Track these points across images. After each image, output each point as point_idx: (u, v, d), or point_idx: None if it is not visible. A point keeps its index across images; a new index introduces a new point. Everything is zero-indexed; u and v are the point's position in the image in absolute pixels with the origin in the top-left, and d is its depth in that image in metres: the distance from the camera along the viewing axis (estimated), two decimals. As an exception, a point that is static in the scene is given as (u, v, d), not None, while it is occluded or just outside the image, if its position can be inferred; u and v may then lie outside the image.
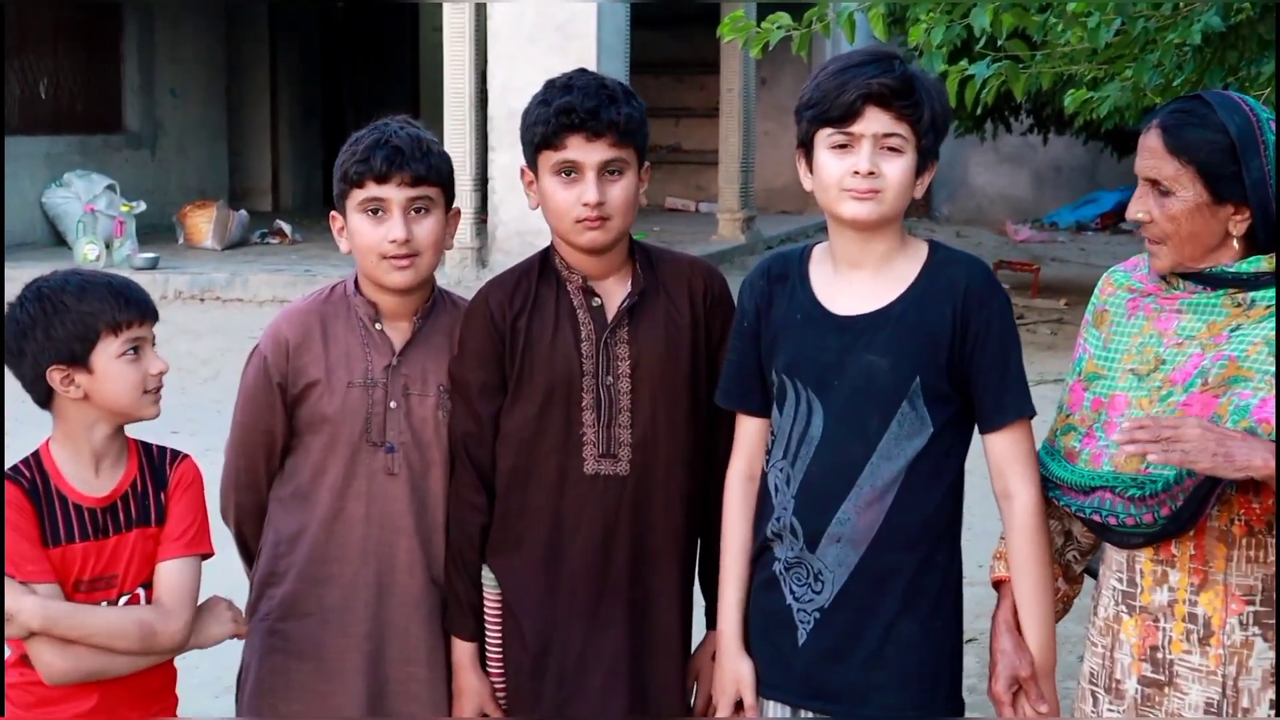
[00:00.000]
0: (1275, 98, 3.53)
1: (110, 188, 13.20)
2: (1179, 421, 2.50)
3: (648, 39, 14.22)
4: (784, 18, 4.70)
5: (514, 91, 11.12)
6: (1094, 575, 2.87)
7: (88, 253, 12.05)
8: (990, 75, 4.68)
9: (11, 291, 2.88)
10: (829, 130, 2.72)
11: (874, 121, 2.69)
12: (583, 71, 2.99)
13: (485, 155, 11.73)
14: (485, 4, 11.66)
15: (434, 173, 3.02)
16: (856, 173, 2.69)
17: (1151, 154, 2.62)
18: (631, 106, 2.94)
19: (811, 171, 2.79)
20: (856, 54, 2.76)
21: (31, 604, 2.73)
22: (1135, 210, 2.65)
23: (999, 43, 4.69)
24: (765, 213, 16.31)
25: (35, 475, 2.82)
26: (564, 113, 2.88)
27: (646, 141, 2.98)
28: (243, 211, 14.33)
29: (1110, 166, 19.27)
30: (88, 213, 12.83)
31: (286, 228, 14.24)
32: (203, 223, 13.55)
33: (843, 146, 2.71)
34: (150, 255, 12.34)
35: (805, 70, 18.77)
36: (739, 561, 2.90)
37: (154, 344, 2.86)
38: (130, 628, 2.77)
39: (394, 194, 2.98)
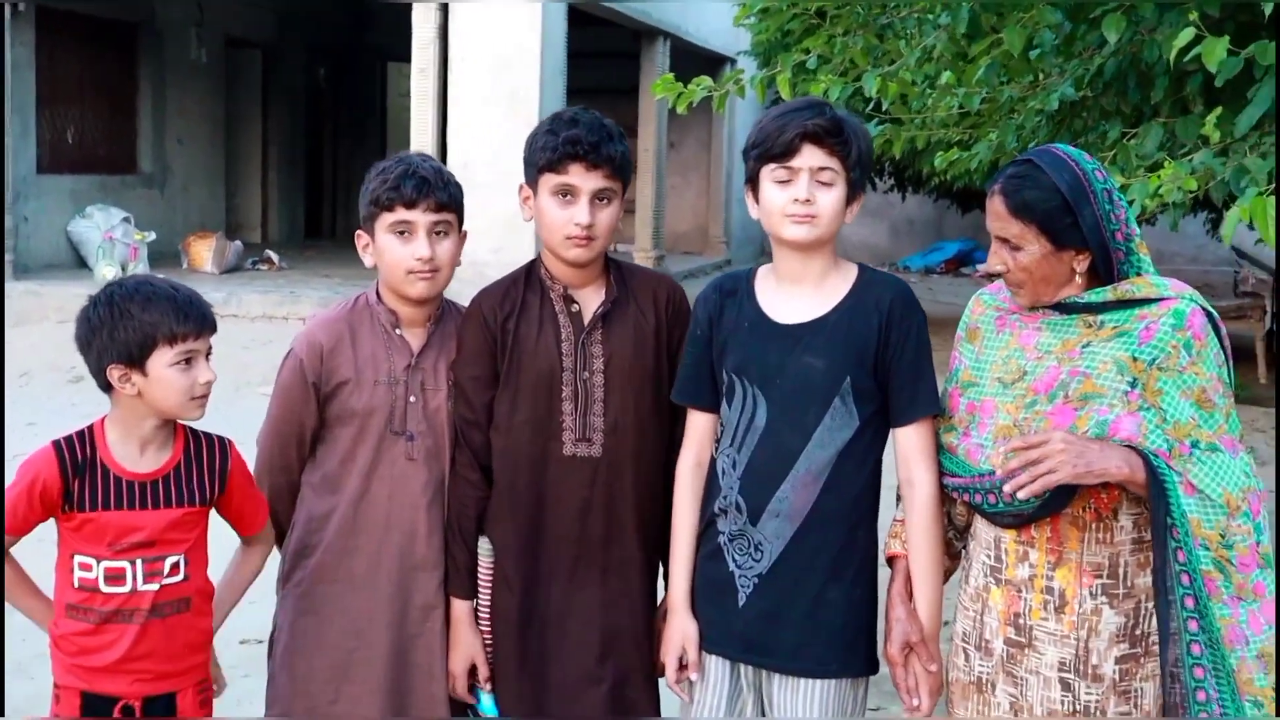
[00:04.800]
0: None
1: (126, 219, 12.89)
2: (1046, 436, 2.42)
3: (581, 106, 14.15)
4: (706, 80, 4.64)
5: (470, 146, 11.01)
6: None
7: (106, 274, 11.69)
8: (876, 135, 4.64)
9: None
10: (772, 165, 2.66)
11: (810, 157, 2.63)
12: (586, 109, 2.90)
13: (444, 199, 11.57)
14: (448, 74, 11.49)
15: (453, 200, 2.93)
16: (796, 200, 2.63)
17: (998, 217, 2.55)
18: (624, 146, 2.86)
19: (758, 203, 2.71)
20: (795, 102, 2.72)
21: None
22: (993, 263, 2.59)
23: (884, 106, 4.65)
24: (672, 252, 16.28)
25: (81, 448, 2.65)
26: (571, 143, 2.78)
27: (629, 177, 2.88)
28: (238, 242, 14.04)
29: (954, 221, 19.45)
30: (106, 240, 12.51)
31: (274, 256, 13.97)
32: (203, 250, 13.27)
33: (784, 181, 2.65)
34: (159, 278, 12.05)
35: (707, 136, 18.93)
36: (687, 538, 2.81)
37: (209, 355, 2.69)
38: (259, 564, 2.97)
39: (420, 218, 2.88)
